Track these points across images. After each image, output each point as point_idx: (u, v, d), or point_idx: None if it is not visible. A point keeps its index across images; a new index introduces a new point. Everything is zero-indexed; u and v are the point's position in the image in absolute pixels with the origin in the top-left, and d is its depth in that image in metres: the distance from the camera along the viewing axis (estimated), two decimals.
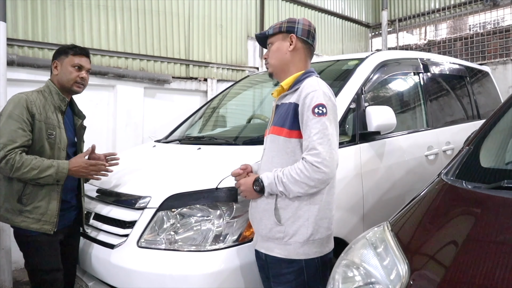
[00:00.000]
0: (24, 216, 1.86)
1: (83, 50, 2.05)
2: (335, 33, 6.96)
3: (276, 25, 1.71)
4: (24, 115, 1.84)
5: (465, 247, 1.17)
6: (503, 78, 5.40)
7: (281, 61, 1.67)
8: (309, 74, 1.63)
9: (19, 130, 1.82)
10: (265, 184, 1.54)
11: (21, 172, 1.79)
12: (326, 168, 1.45)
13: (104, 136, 4.15)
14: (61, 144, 1.94)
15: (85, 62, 2.04)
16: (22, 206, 1.86)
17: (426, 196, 1.55)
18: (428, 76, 3.12)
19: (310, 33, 1.69)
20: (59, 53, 2.02)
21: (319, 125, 1.47)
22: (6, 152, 1.78)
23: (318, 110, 1.48)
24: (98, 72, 3.98)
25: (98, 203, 2.12)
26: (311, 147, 1.47)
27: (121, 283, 1.80)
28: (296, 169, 1.48)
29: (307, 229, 1.54)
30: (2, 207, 1.90)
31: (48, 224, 1.88)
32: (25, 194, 1.86)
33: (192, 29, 4.86)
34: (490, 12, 6.34)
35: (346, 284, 1.22)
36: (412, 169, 2.62)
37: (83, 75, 2.02)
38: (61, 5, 3.79)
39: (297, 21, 1.68)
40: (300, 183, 1.47)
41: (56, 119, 1.95)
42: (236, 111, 3.34)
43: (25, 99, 1.87)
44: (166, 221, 1.81)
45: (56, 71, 2.01)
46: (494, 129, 1.77)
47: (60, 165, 1.87)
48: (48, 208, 1.89)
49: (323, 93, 1.52)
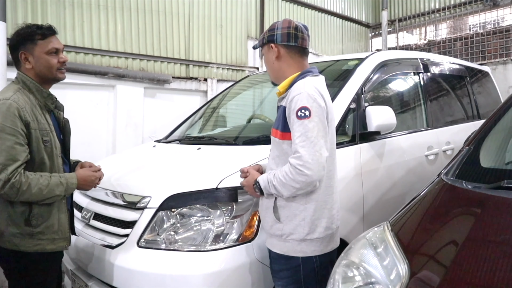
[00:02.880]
0: (36, 239, 1.64)
1: (49, 29, 1.71)
2: (335, 33, 6.96)
3: (260, 37, 1.74)
4: (18, 126, 1.56)
5: (465, 247, 1.17)
6: (503, 78, 5.40)
7: (272, 70, 1.72)
8: (303, 76, 1.62)
9: (17, 146, 1.55)
10: (261, 187, 1.60)
11: (28, 195, 1.56)
12: (308, 171, 1.46)
13: (104, 136, 4.16)
14: (57, 151, 1.72)
15: (57, 42, 1.73)
16: (32, 228, 1.63)
17: (426, 196, 1.55)
18: (428, 76, 3.12)
19: (290, 34, 1.65)
20: (22, 41, 1.68)
21: (301, 128, 1.49)
22: (9, 174, 1.51)
23: (300, 113, 1.50)
24: (98, 72, 3.98)
25: (98, 203, 2.12)
26: (294, 150, 1.50)
27: (121, 283, 1.80)
28: (283, 172, 1.52)
29: (303, 228, 1.57)
30: (6, 232, 1.63)
31: (63, 240, 1.74)
32: (33, 215, 1.63)
33: (192, 29, 4.86)
34: (490, 12, 6.35)
35: (346, 284, 1.22)
36: (412, 169, 2.62)
37: (64, 58, 1.74)
38: (61, 5, 3.79)
39: (276, 27, 1.67)
40: (287, 186, 1.51)
41: (46, 122, 1.69)
42: (236, 111, 3.34)
43: (15, 106, 1.57)
44: (166, 221, 1.81)
45: (28, 64, 1.69)
46: (494, 129, 1.77)
47: (68, 181, 1.68)
48: (60, 223, 1.72)
49: (307, 96, 1.51)
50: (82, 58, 3.95)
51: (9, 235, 1.63)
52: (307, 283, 1.60)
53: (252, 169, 1.70)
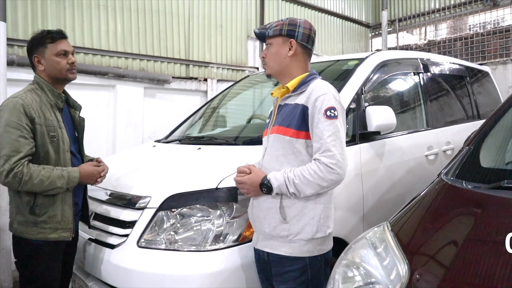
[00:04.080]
0: (40, 228, 1.75)
1: (59, 33, 1.87)
2: (335, 33, 6.96)
3: (276, 26, 1.66)
4: (23, 121, 1.70)
5: (465, 247, 1.17)
6: (503, 78, 5.40)
7: (280, 65, 1.66)
8: (314, 77, 1.65)
9: (21, 139, 1.68)
10: (274, 186, 1.54)
11: (30, 185, 1.68)
12: (339, 169, 1.49)
13: (104, 136, 4.16)
14: (65, 146, 1.83)
15: (66, 45, 1.87)
16: (36, 217, 1.74)
17: (426, 196, 1.55)
18: (428, 76, 3.12)
19: (310, 37, 1.67)
20: (35, 45, 1.85)
21: (332, 128, 1.50)
22: (12, 165, 1.65)
23: (330, 113, 1.51)
24: (98, 72, 3.98)
25: (98, 203, 2.12)
26: (324, 149, 1.49)
27: (121, 283, 1.80)
28: (309, 170, 1.50)
29: (312, 227, 1.56)
30: (15, 220, 1.78)
31: (66, 231, 1.81)
32: (37, 204, 1.74)
33: (192, 29, 4.86)
34: (490, 12, 6.34)
35: (346, 284, 1.22)
36: (412, 169, 2.62)
37: (72, 59, 1.87)
38: (61, 5, 3.79)
39: (298, 24, 1.65)
40: (313, 184, 1.49)
41: (55, 119, 1.82)
42: (236, 111, 3.34)
43: (21, 103, 1.72)
44: (166, 221, 1.81)
45: (41, 66, 1.85)
46: (494, 129, 1.77)
47: (70, 174, 1.77)
48: (64, 214, 1.80)
49: (333, 97, 1.55)
50: (82, 58, 3.94)
51: (17, 223, 1.78)
52: (314, 283, 1.57)
53: (255, 168, 1.64)
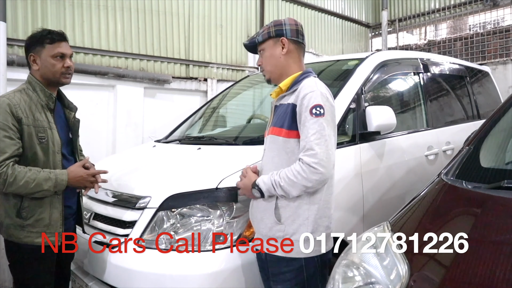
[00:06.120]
0: (27, 231, 1.70)
1: (59, 35, 1.79)
2: (335, 33, 6.96)
3: (264, 31, 1.68)
4: (9, 121, 1.65)
5: (465, 247, 1.16)
6: (503, 78, 5.39)
7: (276, 66, 1.67)
8: (307, 75, 1.64)
9: (6, 139, 1.63)
10: (263, 190, 1.56)
11: (15, 187, 1.63)
12: (322, 169, 1.46)
13: (104, 136, 4.15)
14: (55, 147, 1.76)
15: (65, 48, 1.80)
16: (22, 220, 1.70)
17: (426, 196, 1.55)
18: (428, 76, 3.12)
19: (299, 31, 1.68)
20: (33, 43, 1.77)
21: (316, 126, 1.48)
22: None
23: (315, 110, 1.49)
24: (98, 72, 3.97)
25: (98, 203, 2.12)
26: (308, 148, 1.47)
27: (121, 283, 1.80)
28: (293, 170, 1.49)
29: (307, 228, 1.55)
30: (4, 222, 1.74)
31: (53, 236, 1.75)
32: (23, 207, 1.70)
33: (192, 29, 4.86)
34: (490, 12, 6.34)
35: (346, 284, 1.22)
36: (412, 169, 2.62)
37: (69, 64, 1.79)
38: (61, 5, 3.78)
39: (284, 23, 1.66)
40: (298, 185, 1.48)
41: (46, 120, 1.75)
42: (236, 111, 3.35)
43: (7, 103, 1.67)
44: (166, 221, 1.81)
45: (35, 65, 1.78)
46: (494, 129, 1.77)
47: (58, 177, 1.70)
48: (52, 218, 1.74)
49: (320, 94, 1.53)
50: (82, 58, 3.94)
51: (6, 226, 1.74)
52: (310, 284, 1.57)
53: (250, 171, 1.67)
